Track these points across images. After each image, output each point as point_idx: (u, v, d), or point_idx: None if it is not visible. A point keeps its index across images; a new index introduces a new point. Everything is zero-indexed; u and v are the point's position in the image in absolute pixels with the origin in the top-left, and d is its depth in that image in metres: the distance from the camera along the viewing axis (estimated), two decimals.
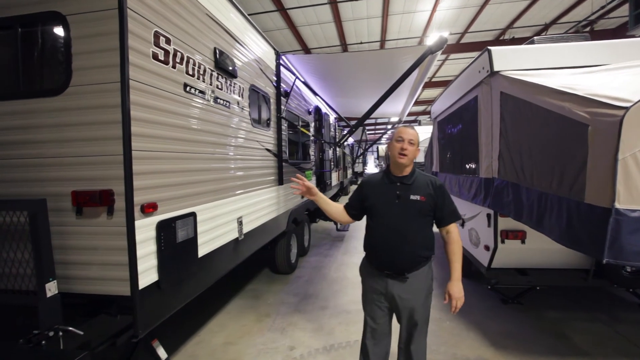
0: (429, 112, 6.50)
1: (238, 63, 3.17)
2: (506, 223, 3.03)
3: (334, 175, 9.79)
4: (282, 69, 4.56)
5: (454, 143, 4.62)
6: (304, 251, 6.01)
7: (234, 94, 3.10)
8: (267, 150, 3.99)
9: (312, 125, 6.68)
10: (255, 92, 3.64)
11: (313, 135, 6.23)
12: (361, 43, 11.10)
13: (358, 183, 2.15)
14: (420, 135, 2.48)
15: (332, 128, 9.22)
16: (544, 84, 2.28)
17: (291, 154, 5.14)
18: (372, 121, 25.23)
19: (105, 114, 1.80)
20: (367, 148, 18.40)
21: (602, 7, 8.39)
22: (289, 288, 4.46)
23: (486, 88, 3.20)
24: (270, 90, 4.14)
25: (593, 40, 3.18)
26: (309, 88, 5.93)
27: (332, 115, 8.70)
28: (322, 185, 7.49)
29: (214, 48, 2.72)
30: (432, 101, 5.95)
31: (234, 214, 3.05)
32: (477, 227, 3.54)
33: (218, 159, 2.79)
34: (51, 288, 1.70)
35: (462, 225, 4.01)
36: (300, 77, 5.30)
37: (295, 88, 5.21)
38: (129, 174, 1.78)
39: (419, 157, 10.02)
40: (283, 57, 4.55)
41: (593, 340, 3.00)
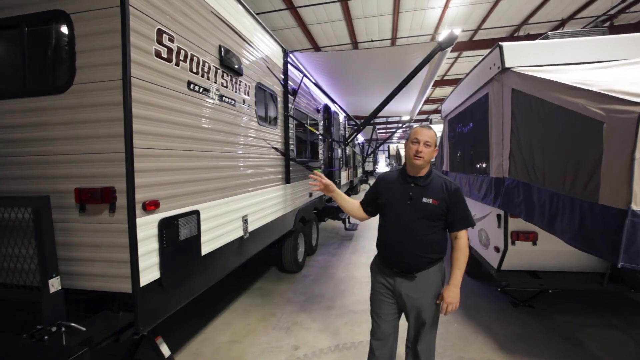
0: (440, 111, 6.38)
1: (244, 61, 3.16)
2: (517, 224, 2.94)
3: (344, 174, 9.74)
4: (290, 67, 4.54)
5: (464, 142, 4.53)
6: (312, 250, 5.99)
7: (240, 92, 3.09)
8: (274, 148, 3.97)
9: (321, 123, 6.64)
10: (262, 90, 3.63)
11: (320, 133, 6.19)
12: (372, 41, 10.98)
13: (374, 180, 2.17)
14: None
15: (342, 127, 9.16)
16: (557, 80, 2.19)
17: (299, 153, 5.12)
18: (383, 120, 25.08)
19: (107, 112, 1.81)
20: (378, 147, 18.32)
21: (623, 1, 8.07)
22: (296, 287, 4.45)
23: (497, 85, 3.11)
24: (277, 88, 4.12)
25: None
26: (318, 86, 5.90)
27: (342, 113, 8.64)
28: None
29: (219, 46, 2.72)
30: (444, 100, 5.83)
31: (239, 212, 3.05)
32: (487, 228, 3.45)
33: (223, 157, 2.78)
34: (54, 284, 1.71)
35: (472, 225, 3.91)
36: (308, 75, 5.27)
37: (303, 86, 5.18)
38: (131, 172, 1.79)
39: None
40: (291, 55, 4.52)
41: (609, 347, 2.88)
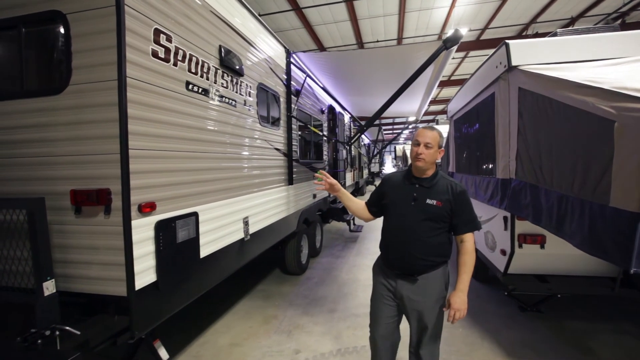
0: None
1: (245, 61, 3.13)
2: (524, 226, 2.85)
3: (349, 175, 9.67)
4: (294, 68, 4.50)
5: (470, 142, 4.44)
6: (316, 252, 5.93)
7: (241, 93, 3.06)
8: (277, 149, 3.94)
9: (326, 124, 6.60)
10: (264, 91, 3.59)
11: (323, 134, 6.14)
12: (377, 41, 10.92)
13: (380, 181, 2.16)
14: None
15: (347, 127, 9.10)
16: (566, 78, 2.12)
17: (303, 154, 5.08)
18: (390, 120, 24.95)
19: (103, 112, 1.78)
20: (383, 148, 18.22)
21: None
22: (299, 289, 4.40)
23: (504, 84, 3.03)
24: (280, 89, 4.09)
25: None
26: (322, 87, 5.85)
27: (347, 114, 8.59)
28: None
29: (219, 46, 2.69)
30: (451, 100, 5.75)
31: (240, 214, 3.01)
32: (493, 230, 3.36)
33: (222, 158, 2.75)
34: (49, 287, 1.70)
35: (478, 229, 3.83)
36: (312, 76, 5.23)
37: (307, 87, 5.14)
38: (126, 173, 1.76)
39: None
40: (294, 56, 4.49)
41: (621, 354, 2.78)
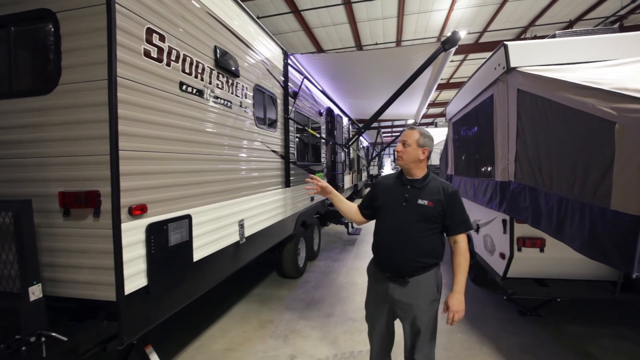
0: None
1: (241, 62, 3.09)
2: (523, 230, 2.81)
3: (347, 177, 9.63)
4: (291, 70, 4.47)
5: (469, 145, 4.41)
6: (314, 255, 5.88)
7: (237, 94, 3.02)
8: (273, 151, 3.90)
9: (324, 127, 6.57)
10: (260, 93, 3.56)
11: (321, 137, 6.11)
12: (376, 44, 10.93)
13: (372, 184, 2.14)
14: (435, 137, 2.45)
15: (346, 130, 9.07)
16: (565, 79, 2.09)
17: (301, 156, 5.04)
18: (389, 123, 24.94)
19: (92, 113, 1.75)
20: (382, 150, 18.22)
21: (634, 1, 7.90)
22: (295, 293, 4.35)
23: (502, 86, 3.00)
24: (277, 90, 4.06)
25: None
26: (320, 89, 5.83)
27: (345, 117, 8.56)
28: (333, 188, 7.34)
29: (215, 46, 2.65)
30: (449, 103, 5.74)
31: (235, 217, 2.97)
32: (492, 234, 3.32)
33: (217, 160, 2.71)
34: (35, 291, 1.65)
35: (477, 230, 3.80)
36: (310, 78, 5.20)
37: (305, 89, 5.12)
38: (116, 175, 1.71)
39: (434, 160, 9.68)
40: (291, 57, 4.46)
41: None
